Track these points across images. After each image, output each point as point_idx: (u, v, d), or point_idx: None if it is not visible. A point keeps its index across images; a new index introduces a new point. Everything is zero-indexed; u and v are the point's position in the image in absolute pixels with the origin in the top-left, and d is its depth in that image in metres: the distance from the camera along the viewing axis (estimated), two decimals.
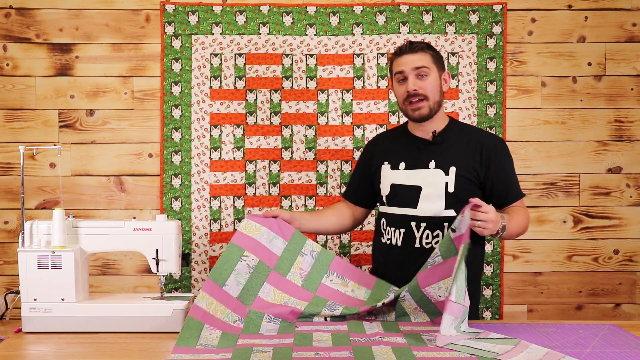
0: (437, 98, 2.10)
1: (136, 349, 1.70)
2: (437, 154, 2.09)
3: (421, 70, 2.07)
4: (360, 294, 1.96)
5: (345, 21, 2.90)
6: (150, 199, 2.92)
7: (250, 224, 1.96)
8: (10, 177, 2.90)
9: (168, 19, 2.88)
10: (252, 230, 1.95)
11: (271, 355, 1.54)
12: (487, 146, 2.10)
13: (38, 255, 1.88)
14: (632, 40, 2.95)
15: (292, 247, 1.99)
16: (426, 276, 1.85)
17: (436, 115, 2.13)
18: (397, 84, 2.13)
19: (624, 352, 1.60)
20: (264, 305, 1.86)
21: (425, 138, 2.14)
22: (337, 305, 1.89)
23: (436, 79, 2.10)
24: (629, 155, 2.96)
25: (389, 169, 2.15)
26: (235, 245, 1.91)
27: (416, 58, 2.07)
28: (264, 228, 1.96)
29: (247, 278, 1.87)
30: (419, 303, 1.87)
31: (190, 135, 2.90)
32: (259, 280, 1.89)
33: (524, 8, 2.94)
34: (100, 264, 2.92)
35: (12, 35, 2.88)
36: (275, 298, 1.89)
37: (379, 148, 2.25)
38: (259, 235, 1.95)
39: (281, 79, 2.91)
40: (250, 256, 1.90)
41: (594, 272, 2.98)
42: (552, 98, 2.95)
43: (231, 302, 1.83)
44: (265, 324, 1.81)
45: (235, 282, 1.86)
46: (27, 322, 1.87)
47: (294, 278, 1.94)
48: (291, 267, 1.96)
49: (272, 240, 1.96)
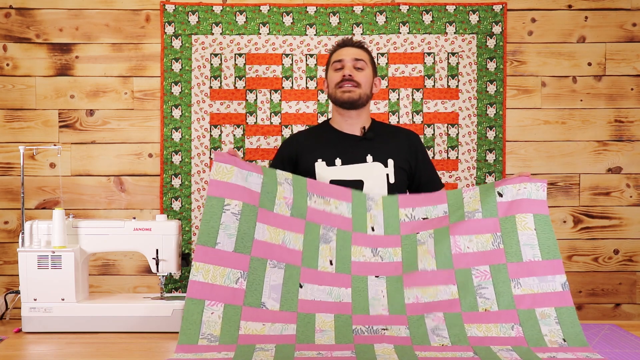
0: (368, 92, 2.19)
1: (136, 349, 1.70)
2: (372, 149, 2.16)
3: (359, 63, 2.15)
4: (343, 210, 1.92)
5: (345, 21, 2.90)
6: (150, 199, 2.92)
7: (221, 167, 1.82)
8: (10, 177, 2.90)
9: (168, 19, 2.88)
10: (225, 174, 1.82)
11: (273, 354, 1.54)
12: (412, 140, 2.24)
13: (38, 255, 1.88)
14: (632, 40, 2.95)
15: (268, 180, 1.88)
16: (458, 226, 1.87)
17: (363, 112, 2.20)
18: (333, 72, 2.17)
19: (624, 352, 1.60)
20: (264, 250, 1.78)
21: (355, 134, 2.19)
22: (329, 231, 1.86)
23: (370, 77, 2.19)
24: (629, 155, 2.96)
25: (325, 165, 2.15)
26: (213, 198, 1.78)
27: (357, 51, 2.18)
28: (235, 168, 1.84)
29: (237, 227, 1.77)
30: (438, 247, 1.85)
31: (190, 135, 2.90)
32: (250, 224, 1.78)
33: (524, 8, 2.94)
34: (100, 264, 2.92)
35: (12, 35, 2.88)
36: (272, 237, 1.80)
37: (304, 146, 2.22)
38: (233, 177, 1.82)
39: (281, 79, 2.91)
40: (232, 203, 1.79)
41: (594, 272, 2.98)
42: (552, 98, 2.95)
43: (228, 259, 1.74)
44: (270, 271, 1.74)
45: (227, 236, 1.75)
46: (27, 322, 1.87)
47: (281, 210, 1.86)
48: (275, 199, 1.86)
49: (248, 178, 1.85)
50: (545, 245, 1.81)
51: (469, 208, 1.90)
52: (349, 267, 1.83)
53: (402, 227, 1.91)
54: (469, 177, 2.90)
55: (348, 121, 2.20)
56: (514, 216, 1.86)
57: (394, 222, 1.92)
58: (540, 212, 1.86)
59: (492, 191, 1.91)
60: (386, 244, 1.88)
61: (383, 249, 1.87)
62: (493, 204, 1.89)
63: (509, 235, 1.84)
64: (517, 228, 1.84)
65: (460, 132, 2.92)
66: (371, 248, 1.87)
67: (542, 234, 1.83)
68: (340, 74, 2.15)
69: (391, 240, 1.89)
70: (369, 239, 1.89)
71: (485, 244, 1.84)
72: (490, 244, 1.83)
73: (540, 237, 1.82)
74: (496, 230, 1.85)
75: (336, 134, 2.21)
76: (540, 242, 1.82)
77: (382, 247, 1.87)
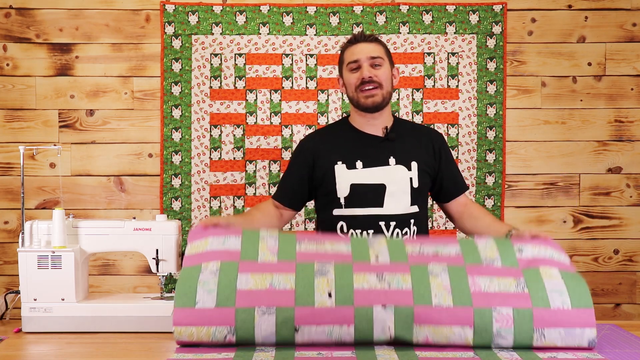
0: (389, 89, 2.08)
1: (136, 349, 1.70)
2: (394, 150, 2.05)
3: (376, 60, 2.03)
4: (341, 248, 1.71)
5: (345, 21, 2.90)
6: (150, 199, 2.92)
7: (195, 243, 1.72)
8: (10, 177, 2.90)
9: (168, 19, 2.89)
10: (200, 247, 1.71)
11: (273, 355, 1.53)
12: (435, 139, 2.14)
13: (38, 255, 1.88)
14: (632, 40, 2.95)
15: (248, 238, 1.72)
16: (476, 268, 1.65)
17: (385, 111, 2.09)
18: (349, 73, 2.05)
19: (624, 352, 1.60)
20: (250, 298, 1.56)
21: (376, 134, 2.09)
22: (326, 264, 1.63)
23: (389, 72, 2.07)
24: (629, 155, 2.96)
25: (345, 168, 2.04)
26: (188, 268, 1.65)
27: (371, 48, 2.05)
28: (210, 237, 1.72)
29: (217, 281, 1.58)
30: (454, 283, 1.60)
31: (190, 135, 2.90)
32: (231, 276, 1.59)
33: (524, 8, 2.94)
34: (100, 264, 2.92)
35: (12, 35, 2.88)
36: (257, 283, 1.58)
37: (322, 147, 2.11)
38: (209, 245, 1.70)
39: (281, 79, 2.91)
40: (209, 264, 1.63)
41: (594, 272, 2.98)
42: (552, 98, 2.95)
43: (211, 317, 1.55)
44: (259, 320, 1.53)
45: (206, 293, 1.57)
46: (27, 322, 1.86)
47: (266, 258, 1.65)
48: (258, 251, 1.67)
49: (225, 242, 1.70)
50: (576, 292, 1.58)
51: (485, 255, 1.69)
52: (351, 297, 1.56)
53: (411, 258, 1.67)
54: (469, 177, 2.90)
55: (370, 121, 2.08)
56: (538, 268, 1.64)
57: (400, 254, 1.69)
58: (566, 270, 1.66)
59: (510, 246, 1.73)
60: (394, 269, 1.62)
61: (390, 274, 1.60)
62: (513, 257, 1.69)
63: (533, 281, 1.60)
64: (542, 277, 1.61)
65: (460, 132, 2.92)
66: (376, 273, 1.60)
67: (571, 281, 1.61)
68: (358, 75, 2.03)
69: (399, 266, 1.63)
70: (373, 267, 1.63)
71: (508, 286, 1.59)
72: (513, 287, 1.59)
73: (569, 285, 1.60)
74: (519, 276, 1.61)
75: (357, 134, 2.09)
76: (569, 289, 1.59)
77: (389, 273, 1.60)
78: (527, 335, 1.54)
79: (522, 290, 1.58)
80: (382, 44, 2.09)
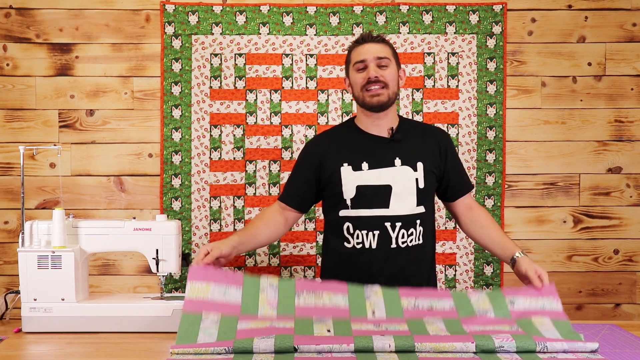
0: (395, 89, 2.07)
1: (136, 349, 1.70)
2: (400, 151, 2.06)
3: (382, 61, 2.03)
4: (338, 301, 1.82)
5: (345, 21, 2.90)
6: (150, 199, 2.92)
7: (195, 285, 1.75)
8: (10, 177, 2.90)
9: (168, 19, 2.88)
10: (201, 292, 1.75)
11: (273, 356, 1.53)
12: (442, 139, 2.14)
13: (38, 255, 1.88)
14: (632, 40, 2.95)
15: (248, 290, 1.81)
16: (471, 319, 1.78)
17: (390, 111, 2.09)
18: (356, 72, 2.06)
19: (624, 352, 1.60)
20: (250, 334, 1.65)
21: (382, 135, 2.09)
22: (324, 318, 1.76)
23: (395, 73, 2.07)
24: (629, 155, 2.96)
25: (351, 170, 2.05)
26: (189, 315, 1.69)
27: (378, 48, 2.05)
28: (212, 284, 1.77)
29: (218, 327, 1.68)
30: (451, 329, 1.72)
31: (190, 135, 2.90)
32: (232, 325, 1.69)
33: (524, 8, 2.94)
34: (100, 264, 2.92)
35: (12, 35, 2.89)
36: (257, 325, 1.71)
37: (329, 149, 2.11)
38: (210, 293, 1.75)
39: (281, 79, 2.91)
40: (210, 314, 1.71)
41: (594, 272, 2.98)
42: (552, 98, 2.95)
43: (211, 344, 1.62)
44: (258, 341, 1.58)
45: (207, 336, 1.65)
46: (27, 322, 1.87)
47: (266, 312, 1.77)
48: (258, 305, 1.78)
49: (226, 292, 1.78)
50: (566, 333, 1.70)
51: (478, 307, 1.81)
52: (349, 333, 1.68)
53: (406, 313, 1.79)
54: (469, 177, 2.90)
55: (375, 122, 2.08)
56: (530, 318, 1.76)
57: (396, 308, 1.80)
58: (558, 319, 1.76)
59: (502, 298, 1.83)
60: (390, 321, 1.75)
61: (387, 324, 1.73)
62: (505, 309, 1.80)
63: (527, 325, 1.72)
64: (535, 324, 1.73)
65: (460, 132, 2.92)
66: (374, 324, 1.73)
67: (562, 328, 1.72)
68: (364, 75, 2.03)
69: (395, 320, 1.76)
70: (371, 320, 1.76)
71: (503, 329, 1.71)
72: (508, 329, 1.71)
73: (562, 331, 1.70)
74: (512, 324, 1.74)
75: (362, 136, 2.10)
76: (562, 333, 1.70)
77: (386, 323, 1.73)
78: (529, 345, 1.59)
79: (516, 330, 1.69)
80: (389, 45, 2.09)
